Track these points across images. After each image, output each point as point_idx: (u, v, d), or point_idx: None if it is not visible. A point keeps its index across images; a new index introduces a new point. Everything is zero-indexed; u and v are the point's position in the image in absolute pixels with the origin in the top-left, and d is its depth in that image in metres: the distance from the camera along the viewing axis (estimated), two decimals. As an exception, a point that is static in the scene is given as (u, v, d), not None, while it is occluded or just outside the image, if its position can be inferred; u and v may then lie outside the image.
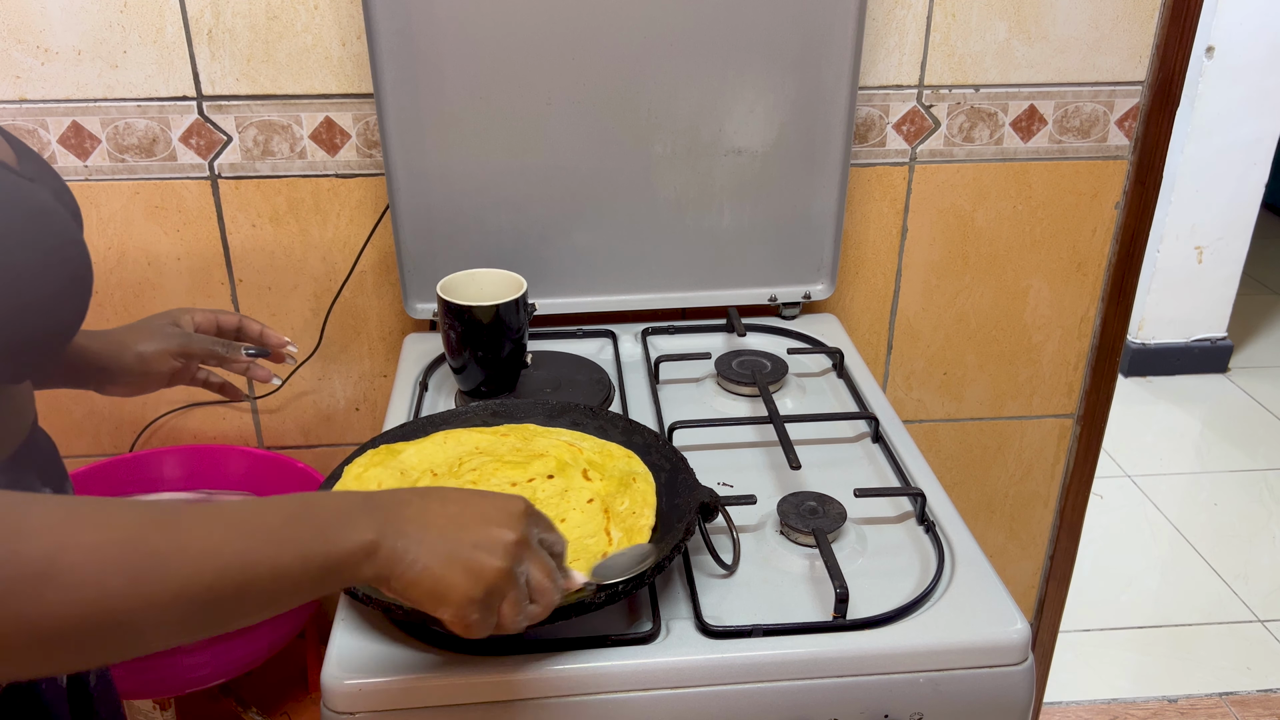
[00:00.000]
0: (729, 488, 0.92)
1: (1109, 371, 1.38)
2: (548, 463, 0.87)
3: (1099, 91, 1.22)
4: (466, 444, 0.89)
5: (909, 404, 1.39)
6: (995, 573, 0.81)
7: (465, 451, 0.89)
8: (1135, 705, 1.85)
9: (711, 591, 0.79)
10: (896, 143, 1.23)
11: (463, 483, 0.85)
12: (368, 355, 1.29)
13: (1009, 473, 1.45)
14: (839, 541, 0.85)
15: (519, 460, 0.87)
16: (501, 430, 0.91)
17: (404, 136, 1.11)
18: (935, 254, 1.30)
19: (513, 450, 0.89)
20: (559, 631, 0.74)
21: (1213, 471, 2.57)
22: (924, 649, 0.74)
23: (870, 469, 0.96)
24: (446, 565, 0.56)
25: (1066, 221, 1.29)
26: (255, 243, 1.22)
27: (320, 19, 1.12)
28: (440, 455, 0.88)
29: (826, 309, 1.30)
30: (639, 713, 0.73)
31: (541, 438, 0.90)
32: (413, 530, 0.56)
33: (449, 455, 0.88)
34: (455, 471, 0.86)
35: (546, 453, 0.88)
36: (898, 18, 1.17)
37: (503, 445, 0.89)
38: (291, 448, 1.34)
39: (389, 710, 0.71)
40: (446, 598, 0.57)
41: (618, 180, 1.16)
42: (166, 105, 1.15)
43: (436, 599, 0.57)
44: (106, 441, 1.31)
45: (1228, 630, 2.04)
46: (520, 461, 0.87)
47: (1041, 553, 1.51)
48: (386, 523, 0.55)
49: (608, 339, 1.21)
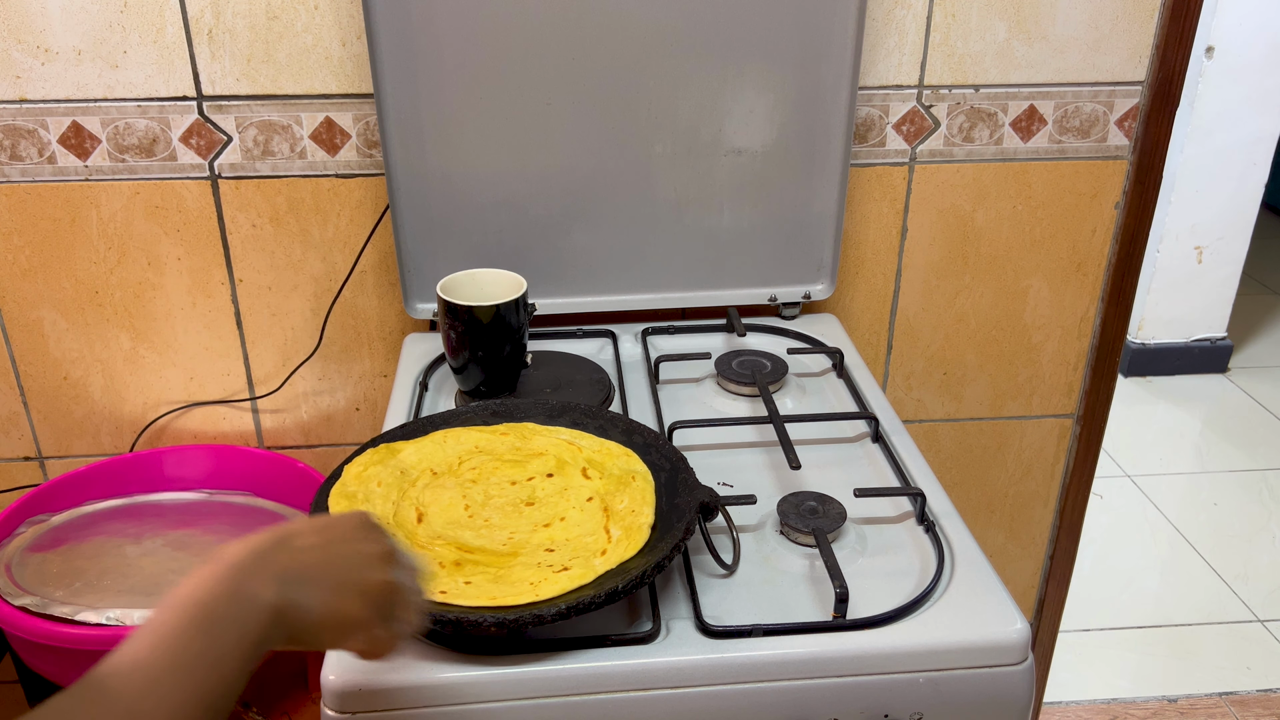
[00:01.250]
0: (729, 488, 0.92)
1: (1109, 371, 1.38)
2: (547, 461, 0.87)
3: (1099, 91, 1.22)
4: (466, 443, 0.89)
5: (909, 404, 1.39)
6: (995, 573, 0.81)
7: (464, 450, 0.89)
8: (1135, 705, 1.85)
9: (711, 591, 0.79)
10: (896, 143, 1.23)
11: (462, 481, 0.85)
12: (368, 355, 1.29)
13: (1009, 473, 1.45)
14: (839, 541, 0.85)
15: (518, 459, 0.87)
16: (501, 429, 0.92)
17: (404, 136, 1.11)
18: (935, 254, 1.30)
19: (512, 449, 0.89)
20: (559, 631, 0.74)
21: (1213, 471, 2.57)
22: (924, 649, 0.74)
23: (870, 469, 0.96)
24: (340, 596, 0.56)
25: (1066, 221, 1.29)
26: (255, 243, 1.22)
27: (320, 19, 1.12)
28: (440, 454, 0.88)
29: (826, 309, 1.30)
30: (639, 713, 0.73)
31: (540, 436, 0.90)
32: (298, 580, 0.54)
33: (448, 454, 0.88)
34: (454, 470, 0.86)
35: (546, 451, 0.88)
36: (898, 18, 1.17)
37: (502, 444, 0.89)
38: (291, 448, 1.34)
39: (389, 710, 0.71)
40: (352, 628, 0.57)
41: (618, 180, 1.16)
42: (166, 105, 1.15)
43: (343, 632, 0.57)
44: (106, 441, 1.31)
45: (1228, 630, 2.04)
46: (519, 460, 0.87)
47: (1041, 553, 1.51)
48: (281, 585, 0.53)
49: (608, 339, 1.21)
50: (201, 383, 1.29)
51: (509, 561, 0.77)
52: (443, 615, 0.69)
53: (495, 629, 0.70)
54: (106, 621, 1.02)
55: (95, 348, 1.26)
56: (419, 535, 0.79)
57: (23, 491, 1.31)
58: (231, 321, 1.26)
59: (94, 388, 1.28)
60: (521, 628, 0.71)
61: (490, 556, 0.77)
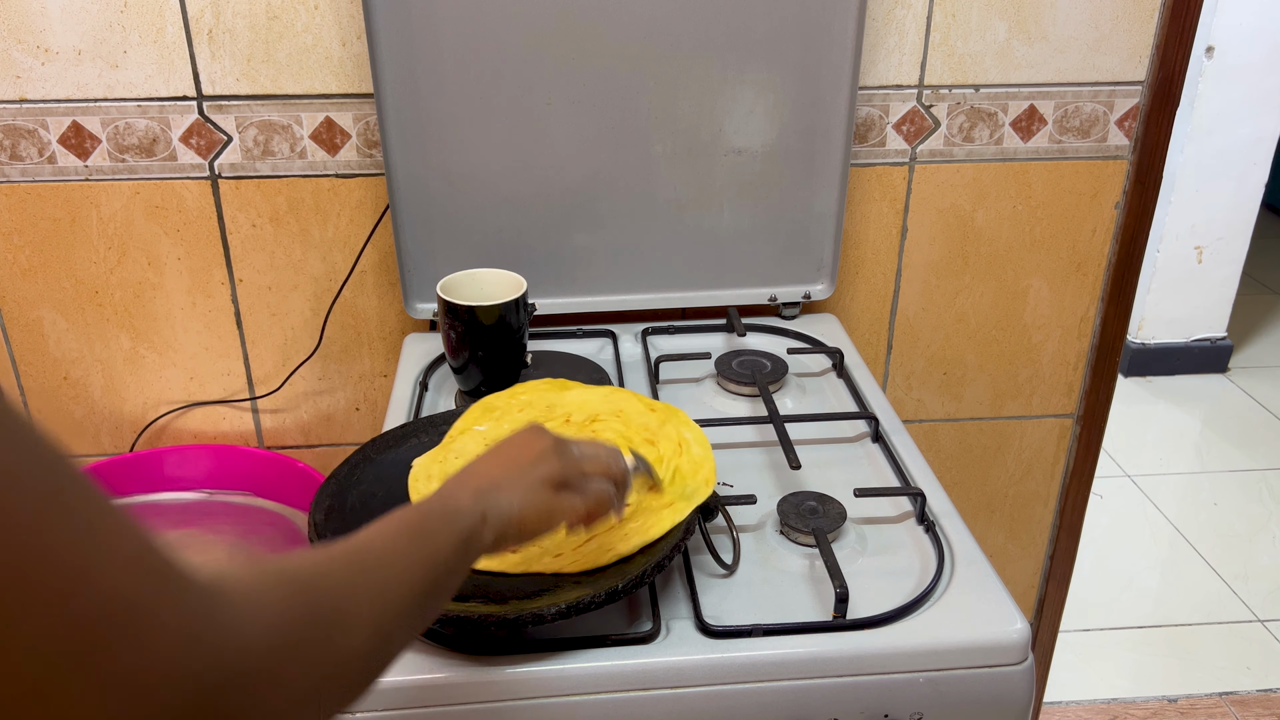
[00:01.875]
0: (729, 487, 0.92)
1: (1109, 371, 1.38)
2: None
3: (1099, 91, 1.22)
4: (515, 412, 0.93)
5: (909, 404, 1.39)
6: (995, 573, 0.81)
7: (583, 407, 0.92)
8: (1135, 705, 1.85)
9: (711, 591, 0.79)
10: (896, 143, 1.23)
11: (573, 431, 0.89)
12: (368, 355, 1.29)
13: (1009, 473, 1.45)
14: (839, 541, 0.85)
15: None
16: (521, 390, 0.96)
17: (404, 136, 1.11)
18: (935, 254, 1.30)
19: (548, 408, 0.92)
20: (559, 631, 0.74)
21: (1213, 471, 2.57)
22: (924, 649, 0.74)
23: (870, 469, 0.96)
24: (531, 494, 0.64)
25: (1066, 221, 1.29)
26: (255, 243, 1.22)
27: (320, 19, 1.12)
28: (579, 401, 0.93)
29: (826, 309, 1.30)
30: (639, 713, 0.73)
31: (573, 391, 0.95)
32: (490, 489, 0.63)
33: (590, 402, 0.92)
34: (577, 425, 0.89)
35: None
36: (898, 18, 1.17)
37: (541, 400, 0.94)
38: (291, 448, 1.34)
39: (389, 710, 0.71)
40: (551, 515, 0.65)
41: (618, 180, 1.16)
42: (166, 105, 1.15)
43: (546, 521, 0.65)
44: (107, 441, 1.31)
45: (1228, 630, 2.04)
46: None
47: (1041, 553, 1.51)
48: (477, 497, 0.62)
49: (608, 339, 1.21)
50: (201, 383, 1.29)
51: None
52: (443, 615, 0.69)
53: (495, 629, 0.70)
54: (106, 621, 1.02)
55: (95, 348, 1.26)
56: None
57: (23, 491, 1.31)
58: (231, 321, 1.26)
59: (94, 388, 1.28)
60: (521, 627, 0.71)
61: None
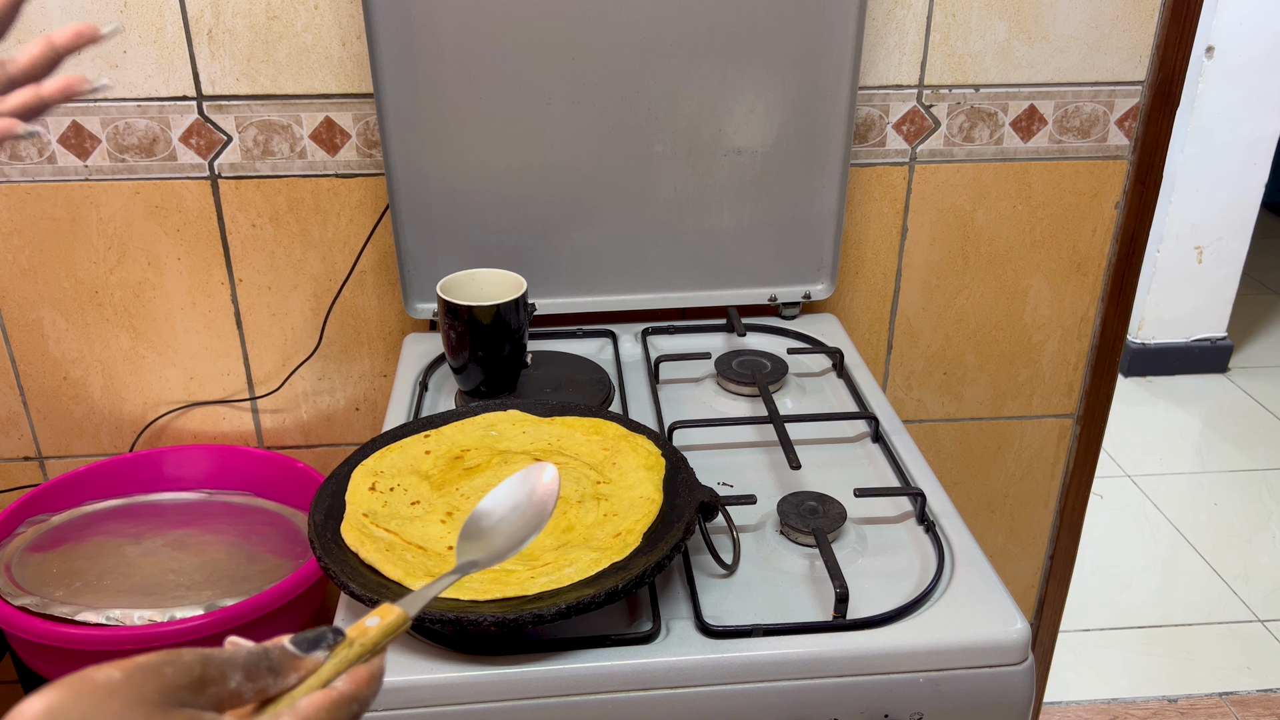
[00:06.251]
0: (729, 487, 0.92)
1: (1109, 371, 1.38)
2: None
3: (1099, 91, 1.22)
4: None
5: (909, 404, 1.39)
6: (995, 573, 0.81)
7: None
8: (1135, 705, 1.85)
9: (711, 591, 0.79)
10: (896, 143, 1.23)
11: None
12: (368, 355, 1.29)
13: (1009, 473, 1.45)
14: (839, 541, 0.85)
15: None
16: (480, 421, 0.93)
17: (404, 136, 1.11)
18: (935, 254, 1.30)
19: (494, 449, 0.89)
20: (559, 631, 0.74)
21: (1213, 471, 2.57)
22: (924, 649, 0.74)
23: (870, 469, 0.96)
24: None
25: (1066, 221, 1.29)
26: (255, 243, 1.22)
27: (320, 19, 1.12)
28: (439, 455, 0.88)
29: (826, 309, 1.30)
30: (639, 713, 0.73)
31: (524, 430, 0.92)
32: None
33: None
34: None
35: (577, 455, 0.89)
36: (898, 18, 1.17)
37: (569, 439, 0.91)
38: (291, 448, 1.34)
39: (389, 710, 0.71)
40: None
41: (618, 180, 1.16)
42: (166, 105, 1.15)
43: None
44: (106, 441, 1.31)
45: (1228, 630, 2.04)
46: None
47: (1041, 553, 1.51)
48: None
49: (608, 339, 1.21)
50: (201, 383, 1.29)
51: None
52: (443, 615, 0.69)
53: (495, 628, 0.70)
54: (106, 621, 1.02)
55: (95, 348, 1.26)
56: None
57: (23, 491, 1.31)
58: (231, 321, 1.26)
59: (94, 388, 1.28)
60: (521, 627, 0.71)
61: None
